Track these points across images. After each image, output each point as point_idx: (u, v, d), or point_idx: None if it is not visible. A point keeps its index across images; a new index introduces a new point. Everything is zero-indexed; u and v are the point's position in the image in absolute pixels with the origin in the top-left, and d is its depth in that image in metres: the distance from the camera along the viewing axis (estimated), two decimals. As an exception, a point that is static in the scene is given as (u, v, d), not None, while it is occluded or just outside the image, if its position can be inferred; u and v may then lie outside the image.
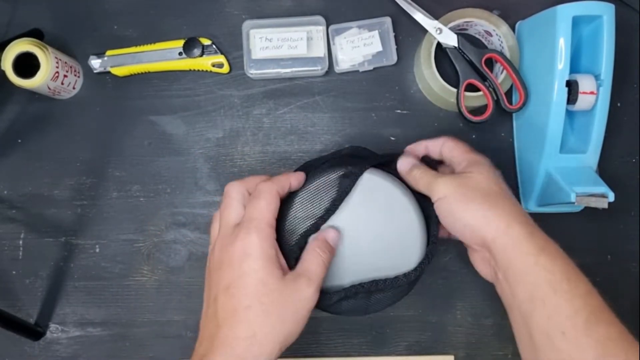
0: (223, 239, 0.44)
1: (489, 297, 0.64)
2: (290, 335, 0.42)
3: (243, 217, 0.44)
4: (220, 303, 0.42)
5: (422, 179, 0.50)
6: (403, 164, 0.52)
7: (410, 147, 0.56)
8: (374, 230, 0.50)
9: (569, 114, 0.59)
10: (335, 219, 0.50)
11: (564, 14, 0.55)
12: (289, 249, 0.47)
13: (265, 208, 0.44)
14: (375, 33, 0.63)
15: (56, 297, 0.64)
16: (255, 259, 0.42)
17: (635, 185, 0.65)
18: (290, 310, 0.42)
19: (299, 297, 0.42)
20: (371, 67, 0.64)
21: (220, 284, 0.42)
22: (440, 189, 0.48)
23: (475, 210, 0.46)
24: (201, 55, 0.63)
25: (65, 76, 0.62)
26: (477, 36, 0.65)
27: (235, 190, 0.46)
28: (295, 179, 0.48)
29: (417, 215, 0.50)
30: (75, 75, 0.64)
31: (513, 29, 0.63)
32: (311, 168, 0.53)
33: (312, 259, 0.45)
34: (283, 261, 0.44)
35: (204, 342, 0.42)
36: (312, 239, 0.47)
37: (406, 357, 0.64)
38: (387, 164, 0.53)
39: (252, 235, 0.42)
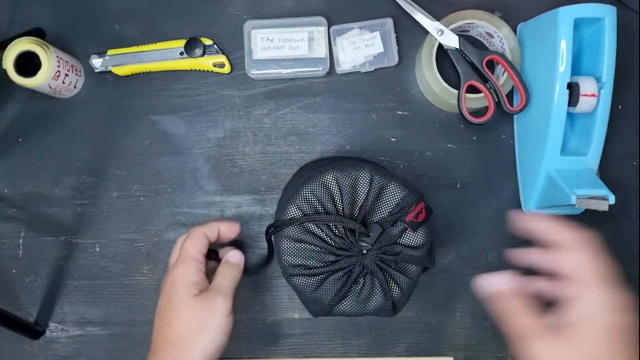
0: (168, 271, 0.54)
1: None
2: (212, 341, 0.49)
3: (172, 255, 0.56)
4: (156, 323, 0.52)
5: (514, 320, 0.42)
6: (498, 281, 0.44)
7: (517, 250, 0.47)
8: None
9: (570, 116, 0.59)
10: None
11: (565, 16, 0.55)
12: None
13: (191, 246, 0.53)
14: (377, 34, 0.63)
15: (56, 296, 0.64)
16: (179, 284, 0.51)
17: (636, 188, 0.65)
18: (206, 321, 0.50)
19: (212, 308, 0.50)
20: (372, 68, 0.64)
21: (159, 306, 0.53)
22: (533, 354, 0.40)
23: None
24: (202, 55, 0.63)
25: (66, 75, 0.62)
26: (478, 38, 0.65)
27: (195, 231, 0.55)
28: (225, 227, 0.56)
29: None
30: (76, 75, 0.64)
31: (514, 30, 0.63)
32: (311, 169, 0.53)
33: (222, 276, 0.53)
34: (206, 283, 0.52)
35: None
36: (223, 261, 0.56)
37: (405, 358, 0.64)
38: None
39: (178, 267, 0.52)
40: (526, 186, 0.63)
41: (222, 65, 0.64)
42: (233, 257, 0.55)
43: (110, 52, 0.64)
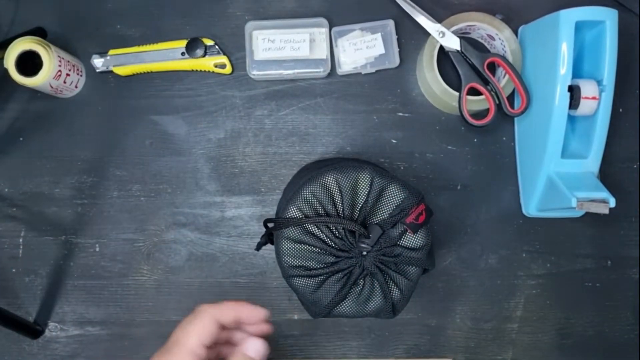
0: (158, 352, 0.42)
1: (489, 301, 0.64)
2: None
3: (171, 336, 0.42)
4: None
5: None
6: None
7: None
8: None
9: (571, 119, 0.59)
10: None
11: (567, 18, 0.55)
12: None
13: (192, 332, 0.41)
14: (378, 36, 0.63)
15: (55, 295, 0.64)
16: None
17: (636, 191, 0.65)
18: None
19: None
20: (373, 70, 0.64)
21: None
22: None
23: None
24: (204, 56, 0.63)
25: (67, 75, 0.62)
26: (479, 40, 0.65)
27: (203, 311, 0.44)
28: (248, 312, 0.43)
29: None
30: (77, 74, 0.64)
31: (516, 33, 0.63)
32: (311, 170, 0.53)
33: None
34: None
35: None
36: (239, 351, 0.43)
37: (405, 360, 0.64)
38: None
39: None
40: (526, 188, 0.63)
41: (223, 66, 0.64)
42: (252, 349, 0.42)
43: (111, 52, 0.64)
